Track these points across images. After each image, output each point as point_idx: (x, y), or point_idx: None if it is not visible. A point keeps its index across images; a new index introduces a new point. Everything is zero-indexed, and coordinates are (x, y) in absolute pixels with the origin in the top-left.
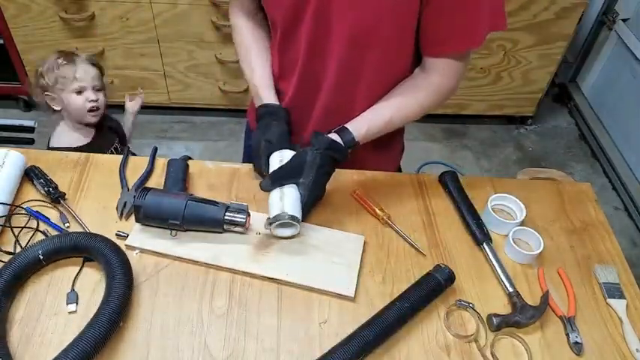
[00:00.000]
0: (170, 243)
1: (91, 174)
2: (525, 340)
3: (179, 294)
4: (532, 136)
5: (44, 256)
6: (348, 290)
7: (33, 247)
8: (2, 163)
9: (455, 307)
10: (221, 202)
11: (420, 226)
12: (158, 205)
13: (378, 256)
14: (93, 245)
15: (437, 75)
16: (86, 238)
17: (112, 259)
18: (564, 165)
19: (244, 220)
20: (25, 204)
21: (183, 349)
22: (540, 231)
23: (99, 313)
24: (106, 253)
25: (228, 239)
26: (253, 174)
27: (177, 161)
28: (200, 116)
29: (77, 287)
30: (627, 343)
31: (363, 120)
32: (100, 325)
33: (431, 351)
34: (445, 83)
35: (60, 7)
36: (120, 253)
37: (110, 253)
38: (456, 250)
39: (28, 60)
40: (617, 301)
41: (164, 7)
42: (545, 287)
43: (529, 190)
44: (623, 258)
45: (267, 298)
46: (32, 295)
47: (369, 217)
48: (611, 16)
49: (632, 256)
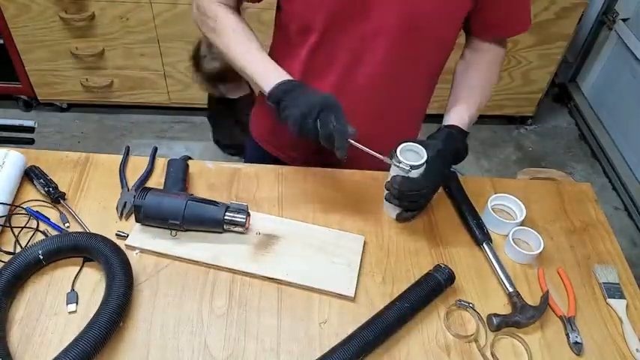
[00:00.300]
0: (170, 243)
1: (91, 174)
2: (525, 340)
3: (179, 294)
4: (532, 136)
5: (44, 256)
6: (348, 290)
7: (33, 247)
8: (2, 163)
9: (455, 307)
10: (221, 202)
11: (420, 226)
12: (158, 205)
13: (378, 256)
14: (93, 245)
15: (491, 53)
16: (86, 238)
17: (112, 258)
18: (564, 165)
19: (244, 220)
20: (25, 204)
21: (183, 349)
22: (540, 231)
23: (99, 313)
24: (106, 253)
25: (228, 239)
26: (253, 174)
27: (177, 161)
28: (200, 116)
29: (77, 287)
30: (627, 343)
31: (461, 111)
32: (100, 326)
33: (431, 351)
34: (502, 54)
35: (60, 7)
36: (120, 253)
37: (110, 253)
38: (456, 250)
39: (28, 60)
40: (617, 301)
41: (164, 7)
42: (545, 287)
43: (529, 190)
44: (623, 258)
45: (267, 298)
46: (32, 295)
47: (369, 216)
48: (611, 16)
49: (632, 256)
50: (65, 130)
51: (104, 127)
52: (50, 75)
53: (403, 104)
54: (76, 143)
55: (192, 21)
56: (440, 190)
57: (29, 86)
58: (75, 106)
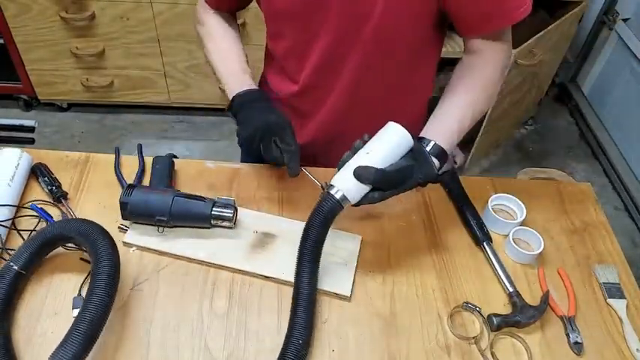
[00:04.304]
0: (166, 241)
1: (91, 174)
2: (525, 340)
3: (179, 294)
4: (532, 136)
5: (23, 268)
6: (344, 290)
7: (7, 263)
8: (17, 164)
9: (458, 309)
10: (208, 197)
11: (420, 226)
12: (145, 202)
13: (377, 256)
14: (75, 231)
15: (487, 54)
16: (56, 229)
17: (93, 234)
18: (564, 165)
19: (232, 215)
20: (27, 204)
21: (184, 349)
22: (540, 231)
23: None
24: (88, 232)
25: (224, 237)
26: (253, 174)
27: (163, 158)
28: (200, 116)
29: (76, 289)
30: (627, 343)
31: (446, 129)
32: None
33: (431, 351)
34: (500, 59)
35: (60, 6)
36: (96, 226)
37: (89, 228)
38: (456, 250)
39: (28, 60)
40: (617, 301)
41: (164, 6)
42: (545, 287)
43: (529, 190)
44: (623, 258)
45: (267, 298)
46: (32, 295)
47: (368, 216)
48: (612, 16)
49: (632, 256)
50: (65, 130)
51: (104, 127)
52: (50, 75)
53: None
54: (76, 143)
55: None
56: (440, 190)
57: (29, 86)
58: (75, 106)
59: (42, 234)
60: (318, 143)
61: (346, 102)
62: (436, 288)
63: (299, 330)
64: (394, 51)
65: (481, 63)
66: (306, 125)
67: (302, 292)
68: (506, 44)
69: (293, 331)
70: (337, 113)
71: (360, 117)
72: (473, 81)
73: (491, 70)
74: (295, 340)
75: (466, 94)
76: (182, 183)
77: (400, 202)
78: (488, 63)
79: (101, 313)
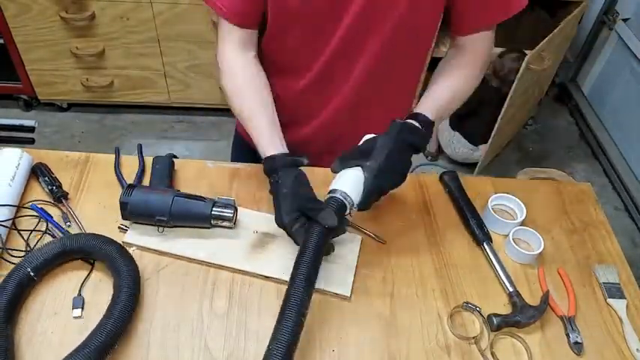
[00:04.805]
0: (166, 241)
1: (91, 174)
2: (525, 340)
3: (179, 294)
4: (532, 136)
5: (35, 272)
6: (344, 290)
7: (21, 265)
8: (18, 164)
9: (458, 309)
10: (208, 197)
11: (420, 226)
12: (145, 202)
13: (378, 256)
14: (97, 249)
15: (474, 50)
16: (88, 239)
17: (116, 258)
18: (564, 165)
19: (232, 215)
20: (27, 204)
21: (184, 349)
22: (540, 231)
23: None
24: (110, 253)
25: (224, 238)
26: (253, 174)
27: (163, 158)
28: (200, 116)
29: (76, 289)
30: (627, 343)
31: (429, 100)
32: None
33: (431, 351)
34: (484, 54)
35: (60, 6)
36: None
37: (114, 252)
38: (456, 250)
39: (28, 60)
40: (617, 301)
41: (164, 6)
42: (545, 287)
43: (529, 190)
44: (623, 258)
45: (267, 298)
46: (32, 295)
47: (368, 216)
48: (612, 16)
49: (632, 256)
50: (65, 130)
51: (104, 127)
52: (50, 75)
53: None
54: (76, 143)
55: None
56: (440, 189)
57: (29, 86)
58: (75, 106)
59: (62, 243)
60: (323, 141)
61: (354, 99)
62: (436, 288)
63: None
64: (412, 45)
65: (469, 55)
66: (311, 123)
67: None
68: (492, 34)
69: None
70: (343, 111)
71: (366, 115)
72: (459, 70)
73: (480, 61)
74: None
75: (450, 81)
76: (182, 183)
77: (400, 202)
78: (470, 61)
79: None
